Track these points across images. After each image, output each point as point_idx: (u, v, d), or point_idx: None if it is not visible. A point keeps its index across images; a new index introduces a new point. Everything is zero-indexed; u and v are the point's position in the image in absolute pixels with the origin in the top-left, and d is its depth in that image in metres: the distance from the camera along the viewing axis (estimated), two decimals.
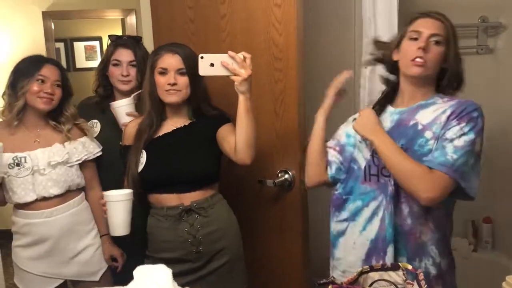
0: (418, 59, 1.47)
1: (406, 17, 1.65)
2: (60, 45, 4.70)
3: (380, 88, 2.09)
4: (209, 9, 2.01)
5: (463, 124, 1.42)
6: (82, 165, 1.95)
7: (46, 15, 4.32)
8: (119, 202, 1.64)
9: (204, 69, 1.56)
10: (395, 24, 2.06)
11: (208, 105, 1.81)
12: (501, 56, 2.70)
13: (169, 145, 1.76)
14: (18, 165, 1.83)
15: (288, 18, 1.81)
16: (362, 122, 1.55)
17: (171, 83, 1.69)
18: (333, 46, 1.86)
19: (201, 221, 1.73)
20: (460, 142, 1.41)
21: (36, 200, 1.85)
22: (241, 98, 1.58)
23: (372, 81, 2.12)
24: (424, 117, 1.50)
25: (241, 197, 2.01)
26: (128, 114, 1.98)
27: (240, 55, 1.54)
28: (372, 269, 1.39)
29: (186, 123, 1.78)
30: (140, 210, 1.80)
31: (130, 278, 1.15)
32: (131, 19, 4.41)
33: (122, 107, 1.99)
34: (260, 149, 1.78)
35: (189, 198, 1.73)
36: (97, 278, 1.96)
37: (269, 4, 1.84)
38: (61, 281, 1.95)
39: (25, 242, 1.91)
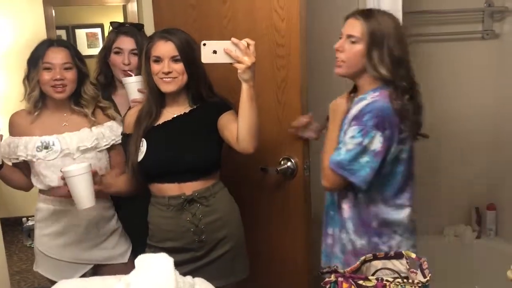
0: (337, 61, 1.63)
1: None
2: (62, 33, 4.68)
3: None
4: None
5: (355, 127, 1.56)
6: (110, 149, 1.91)
7: (47, 2, 4.26)
8: (78, 176, 1.61)
9: (206, 56, 1.54)
10: (399, 9, 2.02)
11: (210, 91, 1.78)
12: (507, 41, 2.69)
13: (169, 134, 1.74)
14: (46, 148, 1.81)
15: (290, 3, 1.78)
16: (332, 109, 1.68)
17: (165, 71, 1.66)
18: (336, 38, 1.87)
19: (203, 210, 1.72)
20: (350, 145, 1.56)
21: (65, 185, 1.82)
22: (244, 86, 1.55)
23: None
24: (351, 111, 1.62)
25: (243, 185, 2.00)
26: (140, 91, 1.94)
27: (243, 42, 1.51)
28: (375, 257, 1.39)
29: (186, 111, 1.76)
30: (142, 200, 1.80)
31: (132, 267, 1.15)
32: (132, 6, 4.36)
33: (134, 83, 1.95)
34: (262, 136, 1.78)
35: (190, 187, 1.71)
36: (126, 260, 1.94)
37: None
38: (90, 266, 1.93)
39: (55, 231, 1.88)
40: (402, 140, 1.59)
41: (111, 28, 2.14)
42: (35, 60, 1.81)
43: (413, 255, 1.36)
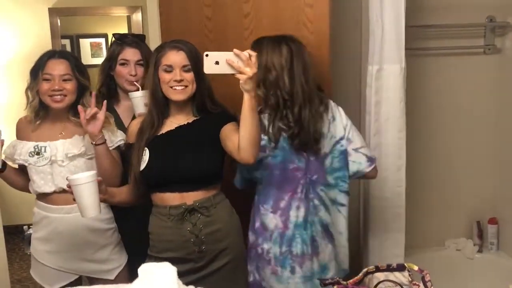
0: None
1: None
2: (66, 42, 4.68)
3: (386, 86, 2.13)
4: (229, 8, 2.04)
5: None
6: None
7: (53, 12, 4.30)
8: (84, 184, 1.60)
9: (209, 67, 1.55)
10: (402, 23, 2.09)
11: (212, 102, 1.80)
12: (508, 56, 2.73)
13: (172, 143, 1.75)
14: (38, 154, 1.84)
15: (320, 17, 1.87)
16: None
17: (177, 79, 1.68)
18: (340, 43, 1.95)
19: (204, 220, 1.73)
20: None
21: (55, 192, 1.85)
22: (246, 97, 1.55)
23: (379, 80, 2.15)
24: None
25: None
26: (146, 105, 1.92)
27: (245, 53, 1.52)
28: (378, 269, 1.41)
29: (190, 121, 1.77)
30: (142, 209, 1.81)
31: (135, 276, 1.13)
32: (137, 17, 4.41)
33: (141, 98, 1.96)
34: None
35: (191, 197, 1.72)
36: (112, 277, 1.94)
37: (300, 4, 1.89)
38: (77, 276, 1.94)
39: (43, 235, 1.91)
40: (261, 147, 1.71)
41: (113, 39, 2.15)
42: (36, 71, 1.84)
43: (416, 267, 1.37)
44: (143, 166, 1.72)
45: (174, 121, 1.78)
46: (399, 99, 2.15)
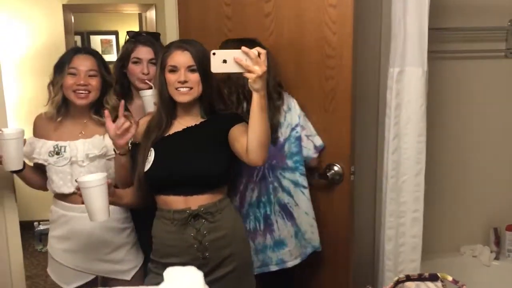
0: None
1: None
2: (77, 39, 4.69)
3: (408, 89, 2.10)
4: (250, 7, 2.02)
5: None
6: None
7: (66, 8, 4.32)
8: (94, 187, 1.55)
9: (216, 65, 1.50)
10: (425, 25, 2.06)
11: (221, 103, 1.77)
12: None
13: (178, 145, 1.71)
14: (57, 153, 1.83)
15: (344, 18, 1.85)
16: None
17: (181, 80, 1.64)
18: (359, 44, 1.96)
19: (208, 226, 1.68)
20: None
21: (74, 193, 1.81)
22: (255, 96, 1.50)
23: (400, 82, 2.12)
24: None
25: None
26: (155, 104, 1.91)
27: (254, 51, 1.47)
28: (409, 278, 1.37)
29: (197, 122, 1.73)
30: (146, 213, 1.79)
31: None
32: (151, 14, 4.40)
33: (151, 96, 1.92)
34: None
35: (196, 201, 1.67)
36: (128, 278, 1.93)
37: (323, 4, 1.87)
38: (93, 276, 1.93)
39: (61, 234, 1.90)
40: None
41: (127, 37, 2.13)
42: (61, 65, 1.83)
43: (450, 278, 1.34)
44: (147, 166, 1.68)
45: (182, 123, 1.74)
46: (420, 103, 2.11)
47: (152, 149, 1.70)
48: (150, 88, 1.98)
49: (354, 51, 1.86)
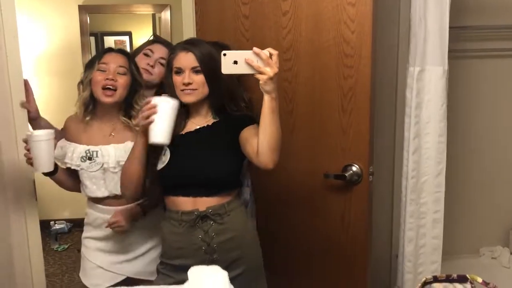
0: None
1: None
2: (91, 39, 4.75)
3: (428, 88, 2.08)
4: (267, 6, 1.99)
5: None
6: None
7: (82, 9, 4.35)
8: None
9: (226, 67, 1.47)
10: (446, 24, 2.04)
11: (234, 104, 1.74)
12: None
13: (190, 145, 1.69)
14: (90, 159, 1.81)
15: (363, 16, 1.83)
16: None
17: (185, 82, 1.63)
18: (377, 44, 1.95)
19: (216, 228, 1.66)
20: None
21: (109, 197, 1.84)
22: (266, 98, 1.47)
23: (420, 82, 2.10)
24: None
25: (303, 191, 2.04)
26: None
27: (266, 52, 1.44)
28: (436, 279, 1.35)
29: (210, 123, 1.71)
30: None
31: None
32: (165, 15, 4.40)
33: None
34: (324, 143, 1.95)
35: (204, 203, 1.65)
36: (153, 278, 1.90)
37: (341, 2, 1.86)
38: (123, 277, 1.92)
39: (96, 235, 1.91)
40: None
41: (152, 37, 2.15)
42: (92, 61, 1.83)
43: (480, 280, 1.31)
44: (162, 165, 1.67)
45: (195, 122, 1.72)
46: (441, 102, 2.09)
47: (167, 148, 1.68)
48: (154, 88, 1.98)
49: (373, 50, 1.84)
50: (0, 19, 1.93)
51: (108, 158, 1.81)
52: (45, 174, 1.79)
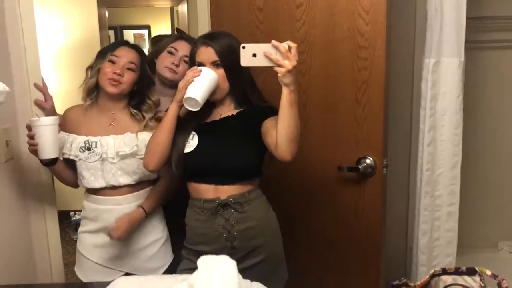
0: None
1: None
2: (111, 33, 4.77)
3: (444, 80, 2.05)
4: None
5: None
6: None
7: (100, 3, 4.39)
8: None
9: (246, 59, 1.48)
10: (463, 15, 2.02)
11: (257, 96, 1.75)
12: None
13: (214, 133, 1.71)
14: (88, 149, 1.81)
15: (377, 8, 1.82)
16: None
17: None
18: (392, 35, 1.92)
19: (237, 216, 1.68)
20: None
21: (106, 188, 1.83)
22: (285, 91, 1.48)
23: (436, 73, 2.08)
24: None
25: (317, 183, 2.04)
26: None
27: (284, 45, 1.44)
28: (445, 272, 1.34)
29: (234, 113, 1.73)
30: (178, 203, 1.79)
31: None
32: (182, 8, 4.42)
33: None
34: (339, 136, 1.96)
35: (226, 191, 1.68)
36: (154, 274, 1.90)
37: None
38: (121, 274, 1.88)
39: (92, 228, 1.89)
40: None
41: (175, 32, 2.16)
42: (105, 51, 1.84)
43: (488, 272, 1.30)
44: (189, 149, 1.69)
45: (220, 111, 1.74)
46: (457, 94, 2.07)
47: (195, 134, 1.71)
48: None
49: (387, 41, 1.83)
50: (19, 15, 1.96)
51: (107, 149, 1.81)
52: (46, 163, 1.80)
